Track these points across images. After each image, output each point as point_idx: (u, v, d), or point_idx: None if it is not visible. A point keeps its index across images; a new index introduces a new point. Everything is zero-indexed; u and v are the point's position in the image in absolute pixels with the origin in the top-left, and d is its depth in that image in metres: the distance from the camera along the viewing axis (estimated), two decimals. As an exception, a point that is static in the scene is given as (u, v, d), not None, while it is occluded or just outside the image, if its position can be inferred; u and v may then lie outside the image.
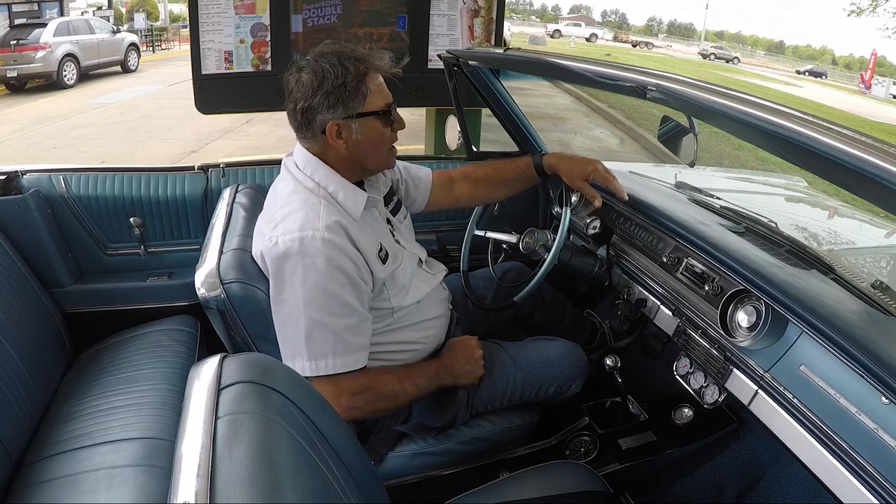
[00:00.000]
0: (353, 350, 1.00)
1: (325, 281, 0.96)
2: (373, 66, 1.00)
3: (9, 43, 8.90)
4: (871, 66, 23.09)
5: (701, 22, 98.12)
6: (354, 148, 1.03)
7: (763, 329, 1.00)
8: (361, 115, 1.00)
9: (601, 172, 1.30)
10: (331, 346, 0.98)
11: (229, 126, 6.23)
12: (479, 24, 2.29)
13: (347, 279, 0.98)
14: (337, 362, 0.98)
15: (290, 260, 0.96)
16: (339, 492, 0.59)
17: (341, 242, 0.97)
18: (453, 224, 1.84)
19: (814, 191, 2.70)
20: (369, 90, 1.00)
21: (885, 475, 0.77)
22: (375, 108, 1.01)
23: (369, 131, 1.02)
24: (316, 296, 0.96)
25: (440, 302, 1.23)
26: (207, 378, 0.57)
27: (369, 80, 1.00)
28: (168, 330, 1.48)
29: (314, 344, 0.98)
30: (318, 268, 0.95)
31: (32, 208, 1.42)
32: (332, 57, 0.98)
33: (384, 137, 1.04)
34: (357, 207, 1.04)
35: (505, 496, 0.93)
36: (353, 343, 1.00)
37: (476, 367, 1.14)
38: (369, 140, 1.03)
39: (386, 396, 1.05)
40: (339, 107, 0.98)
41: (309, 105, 0.99)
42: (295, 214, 0.99)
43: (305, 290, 0.96)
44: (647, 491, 1.27)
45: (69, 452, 1.09)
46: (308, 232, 0.96)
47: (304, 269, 0.96)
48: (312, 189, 1.03)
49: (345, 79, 0.97)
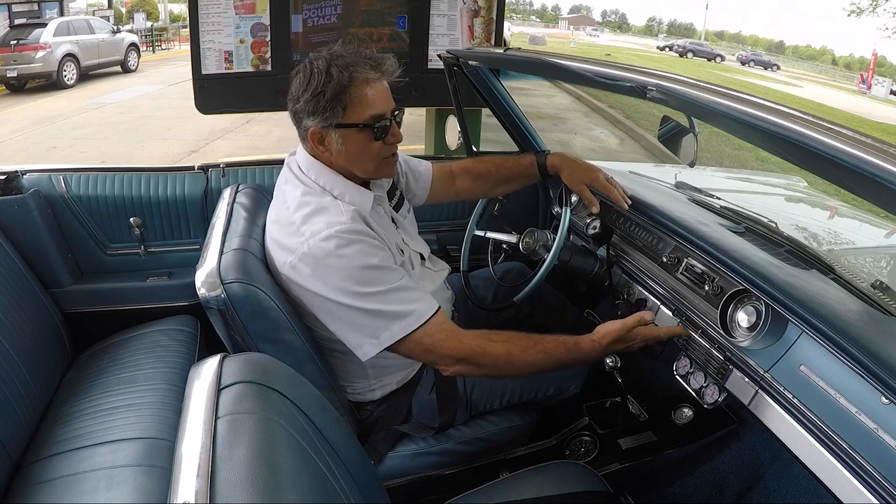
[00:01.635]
0: (422, 294, 1.00)
1: (367, 260, 0.96)
2: (359, 76, 0.95)
3: (9, 43, 8.90)
4: (872, 66, 23.10)
5: (701, 22, 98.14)
6: (338, 156, 1.01)
7: (763, 329, 1.00)
8: (341, 125, 0.97)
9: (602, 181, 1.30)
10: (406, 300, 0.97)
11: (229, 126, 6.23)
12: (479, 24, 2.29)
13: (383, 253, 0.99)
14: (420, 307, 0.97)
15: (329, 260, 0.95)
16: (339, 492, 0.59)
17: (366, 230, 0.98)
18: (453, 224, 1.84)
19: (814, 191, 2.70)
20: (351, 101, 0.95)
21: (885, 475, 0.77)
22: (356, 121, 0.97)
23: (351, 143, 0.99)
24: (367, 276, 0.95)
25: (443, 302, 1.23)
26: (207, 378, 0.57)
27: (354, 90, 0.95)
28: (168, 330, 1.48)
29: (390, 312, 0.96)
30: (356, 255, 0.95)
31: (32, 208, 1.42)
32: (324, 61, 0.96)
33: (369, 150, 1.00)
34: (365, 207, 1.04)
35: (505, 496, 0.93)
36: (418, 289, 1.01)
37: (629, 347, 1.09)
38: (352, 152, 1.00)
39: (494, 356, 1.00)
40: (317, 115, 0.96)
41: (295, 108, 0.98)
42: (316, 216, 0.98)
43: (356, 278, 0.95)
44: (647, 491, 1.28)
45: (69, 452, 1.09)
46: (335, 227, 0.95)
47: (346, 262, 0.95)
48: (319, 193, 1.02)
49: (325, 87, 0.94)
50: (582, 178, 1.30)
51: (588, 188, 1.31)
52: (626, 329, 1.08)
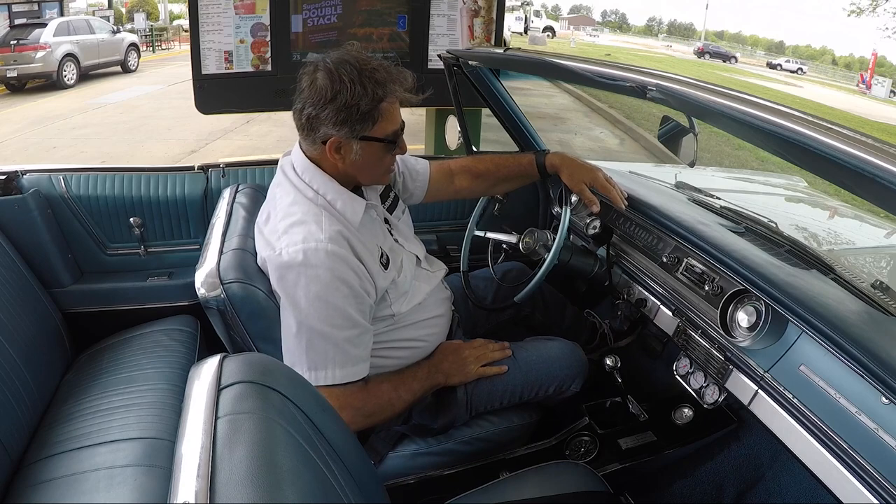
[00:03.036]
0: (353, 361, 1.00)
1: (327, 292, 0.96)
2: (392, 94, 0.97)
3: (9, 43, 8.91)
4: (872, 66, 23.10)
5: (701, 22, 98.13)
6: (351, 165, 1.01)
7: (763, 329, 1.00)
8: (366, 138, 0.98)
9: (601, 181, 1.30)
10: (331, 357, 0.98)
11: (229, 126, 6.23)
12: (479, 24, 2.29)
13: (350, 291, 0.98)
14: (336, 373, 0.98)
15: (293, 270, 0.96)
16: (339, 492, 0.59)
17: (344, 254, 0.97)
18: (453, 224, 1.84)
19: (814, 191, 2.70)
20: (381, 116, 0.97)
21: (885, 475, 0.77)
22: (382, 135, 0.99)
23: (369, 155, 1.00)
24: (318, 307, 0.96)
25: (441, 301, 1.23)
26: (207, 378, 0.57)
27: (384, 106, 0.97)
28: (168, 330, 1.48)
29: (314, 354, 0.98)
30: (321, 279, 0.95)
31: (32, 208, 1.42)
32: (354, 71, 0.94)
33: (383, 162, 1.03)
34: (356, 215, 1.03)
35: (505, 496, 0.93)
36: (352, 354, 1.00)
37: (463, 365, 1.14)
38: (367, 163, 1.01)
39: (384, 406, 1.06)
40: (345, 126, 0.96)
41: (316, 114, 0.96)
42: (298, 227, 0.98)
43: (308, 300, 0.96)
44: (647, 491, 1.28)
45: (69, 452, 1.08)
46: (311, 244, 0.95)
47: (306, 281, 0.95)
48: (312, 198, 1.02)
49: (360, 101, 0.94)
50: (582, 177, 1.30)
51: (588, 188, 1.31)
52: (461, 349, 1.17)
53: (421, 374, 1.11)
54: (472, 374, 1.15)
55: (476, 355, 1.16)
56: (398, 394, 1.07)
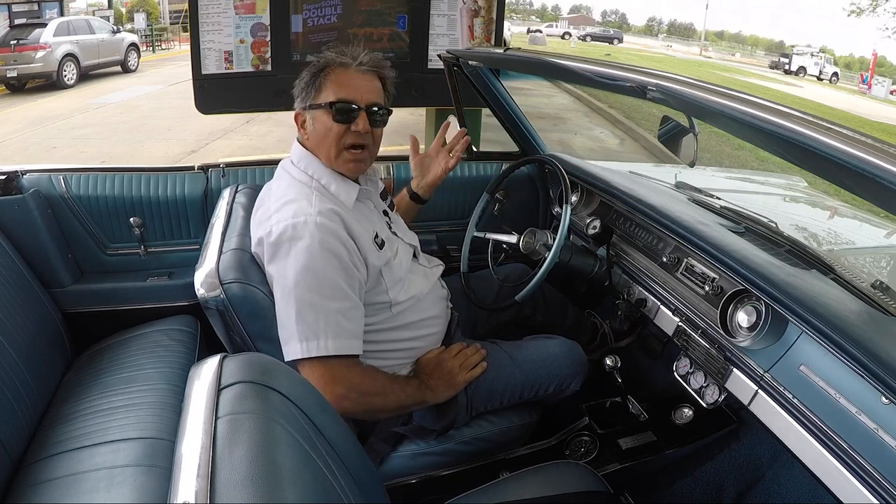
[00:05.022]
0: (346, 335, 0.99)
1: (316, 262, 0.97)
2: (332, 62, 1.06)
3: (9, 43, 8.90)
4: (872, 66, 23.10)
5: (701, 22, 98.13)
6: (311, 139, 1.08)
7: (763, 329, 1.00)
8: (313, 106, 1.06)
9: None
10: (322, 327, 0.97)
11: (229, 126, 6.23)
12: (479, 24, 2.29)
13: (339, 263, 0.99)
14: (329, 344, 0.97)
15: (284, 244, 0.98)
16: (339, 492, 0.59)
17: (334, 227, 0.99)
18: (453, 224, 1.84)
19: (814, 191, 2.69)
20: (323, 84, 1.05)
21: (885, 475, 0.77)
22: (323, 102, 1.05)
23: (318, 123, 1.06)
24: (306, 277, 0.97)
25: (438, 301, 1.23)
26: (207, 378, 0.57)
27: (328, 74, 1.05)
28: (168, 330, 1.48)
29: (304, 325, 0.97)
30: (309, 249, 0.97)
31: (32, 208, 1.42)
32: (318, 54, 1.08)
33: (331, 133, 1.05)
34: (349, 198, 1.07)
35: (505, 496, 0.93)
36: (345, 327, 0.99)
37: (451, 377, 1.14)
38: (318, 133, 1.07)
39: (378, 391, 1.04)
40: (299, 97, 1.08)
41: (294, 96, 1.09)
42: (289, 204, 1.01)
43: (296, 270, 0.97)
44: (647, 491, 1.28)
45: (69, 452, 1.08)
46: (301, 218, 0.98)
47: (296, 252, 0.97)
48: (305, 182, 1.06)
49: (310, 72, 1.06)
50: (437, 169, 1.37)
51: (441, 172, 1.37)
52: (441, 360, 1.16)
53: (413, 382, 1.11)
54: (461, 384, 1.14)
55: (459, 363, 1.16)
56: (392, 387, 1.06)
